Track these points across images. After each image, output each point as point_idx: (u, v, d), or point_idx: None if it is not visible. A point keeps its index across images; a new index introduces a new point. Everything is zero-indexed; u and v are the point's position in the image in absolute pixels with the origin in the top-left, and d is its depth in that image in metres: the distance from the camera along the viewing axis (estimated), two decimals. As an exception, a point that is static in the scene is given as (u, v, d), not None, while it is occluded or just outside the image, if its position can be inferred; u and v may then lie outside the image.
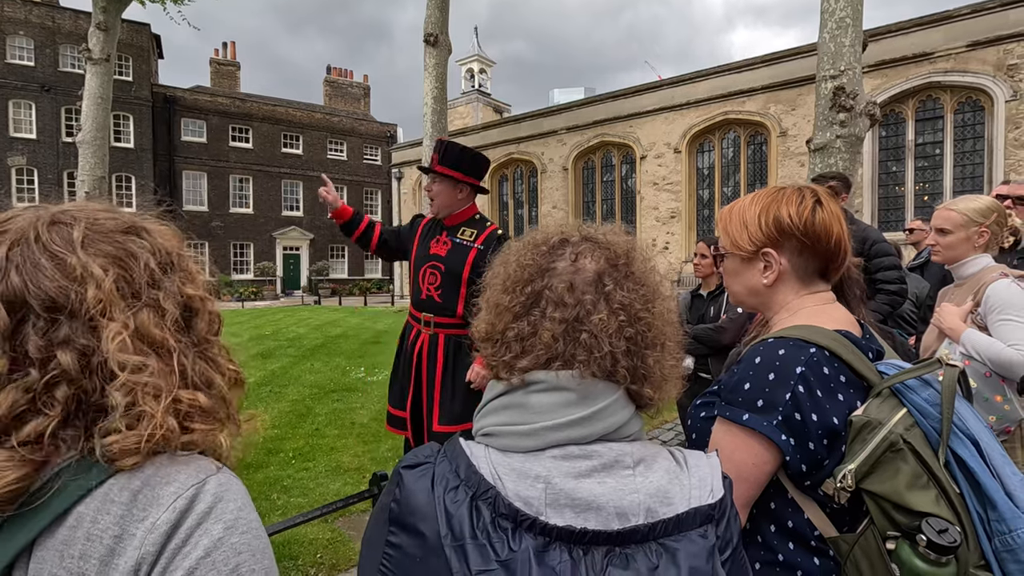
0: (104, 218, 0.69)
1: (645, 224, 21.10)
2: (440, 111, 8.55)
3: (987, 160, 14.60)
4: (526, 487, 0.66)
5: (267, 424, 5.91)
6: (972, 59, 14.37)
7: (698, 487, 0.69)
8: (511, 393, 0.73)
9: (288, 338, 12.40)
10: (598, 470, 0.68)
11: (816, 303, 1.10)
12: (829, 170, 4.92)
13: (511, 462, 0.68)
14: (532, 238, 0.81)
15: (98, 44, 8.32)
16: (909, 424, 0.90)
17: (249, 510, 0.63)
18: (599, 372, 0.71)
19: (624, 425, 0.71)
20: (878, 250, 3.27)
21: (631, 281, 0.74)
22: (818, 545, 0.96)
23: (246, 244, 29.72)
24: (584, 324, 0.71)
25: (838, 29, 5.23)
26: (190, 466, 0.62)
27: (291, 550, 3.12)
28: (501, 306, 0.76)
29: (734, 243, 1.15)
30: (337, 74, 38.13)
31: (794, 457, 0.94)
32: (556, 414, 0.69)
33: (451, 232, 2.96)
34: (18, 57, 24.23)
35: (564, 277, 0.73)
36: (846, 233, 1.10)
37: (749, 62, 18.29)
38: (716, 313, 3.29)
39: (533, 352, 0.72)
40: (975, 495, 0.87)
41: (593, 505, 0.65)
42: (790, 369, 0.96)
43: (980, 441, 0.90)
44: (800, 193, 1.12)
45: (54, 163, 24.60)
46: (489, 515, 0.64)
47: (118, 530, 0.56)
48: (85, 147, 8.31)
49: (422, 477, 0.68)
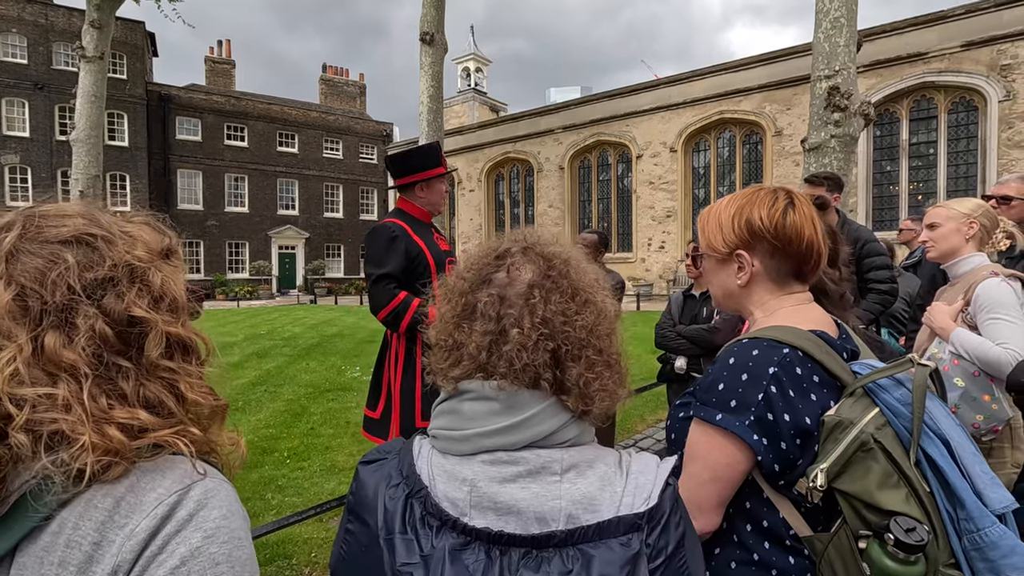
0: (54, 224, 0.64)
1: (641, 223, 21.13)
2: (436, 110, 8.54)
3: (980, 160, 14.68)
4: (454, 489, 0.70)
5: (261, 424, 5.90)
6: (966, 59, 14.44)
7: (632, 494, 0.70)
8: (449, 400, 0.76)
9: (283, 337, 12.38)
10: (523, 476, 0.70)
11: (793, 304, 1.11)
12: (824, 169, 4.94)
13: (445, 464, 0.73)
14: (482, 247, 0.82)
15: (92, 42, 8.28)
16: (880, 424, 0.90)
17: (234, 518, 0.60)
18: (521, 383, 0.72)
19: (555, 432, 0.72)
20: (869, 250, 3.29)
21: (558, 294, 0.74)
22: (793, 544, 0.97)
23: (241, 243, 29.61)
24: (506, 337, 0.72)
25: (832, 29, 5.25)
26: (177, 471, 0.60)
27: (285, 549, 3.11)
28: (444, 316, 0.78)
29: (709, 244, 1.16)
30: (333, 72, 38.05)
31: (767, 457, 0.95)
32: (485, 422, 0.72)
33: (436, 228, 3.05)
34: (11, 55, 24.05)
35: (496, 289, 0.75)
36: (820, 235, 1.10)
37: (745, 61, 18.34)
38: (709, 314, 3.29)
39: (463, 363, 0.75)
40: (945, 494, 0.87)
41: (514, 509, 0.68)
42: (763, 370, 0.97)
43: (951, 440, 0.90)
44: (774, 195, 1.11)
45: (48, 162, 24.45)
46: (420, 512, 0.69)
47: (98, 536, 0.54)
48: (79, 145, 8.27)
49: (375, 472, 0.75)
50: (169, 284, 0.68)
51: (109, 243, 0.65)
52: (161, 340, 0.64)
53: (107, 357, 0.61)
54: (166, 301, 0.67)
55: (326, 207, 32.20)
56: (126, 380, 0.62)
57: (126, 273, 0.64)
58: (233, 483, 0.66)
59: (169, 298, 0.67)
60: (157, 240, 0.71)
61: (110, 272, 0.63)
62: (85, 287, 0.61)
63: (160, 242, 0.71)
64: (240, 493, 2.80)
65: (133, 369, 0.62)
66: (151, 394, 0.63)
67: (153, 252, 0.69)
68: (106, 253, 0.64)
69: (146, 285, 0.66)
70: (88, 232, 0.64)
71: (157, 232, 0.72)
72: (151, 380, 0.63)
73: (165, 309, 0.66)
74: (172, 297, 0.68)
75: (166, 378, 0.64)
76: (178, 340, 0.67)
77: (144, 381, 0.63)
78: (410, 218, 2.91)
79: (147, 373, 0.63)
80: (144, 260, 0.67)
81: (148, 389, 0.63)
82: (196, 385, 0.67)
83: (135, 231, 0.69)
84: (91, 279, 0.62)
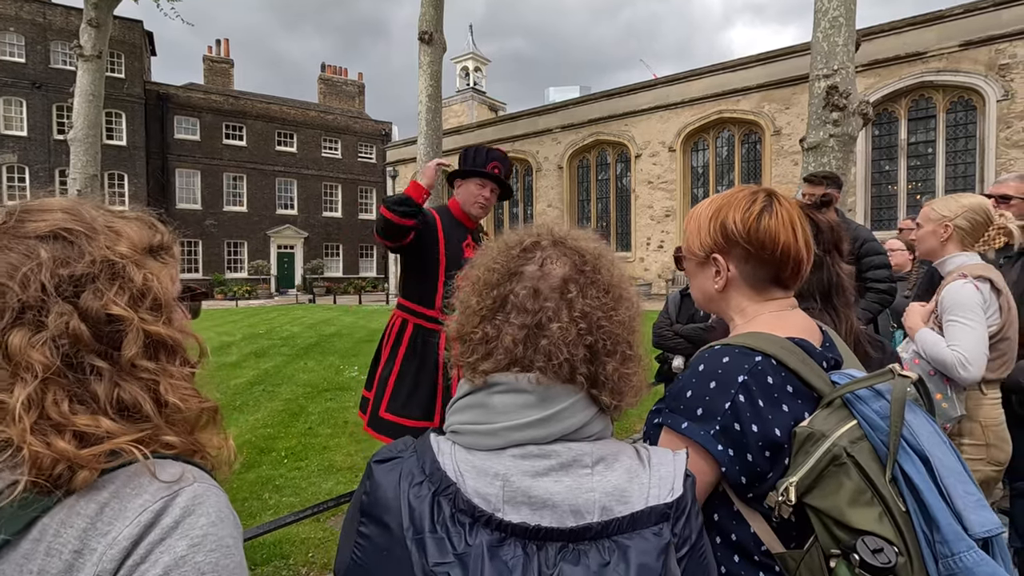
0: (34, 219, 0.61)
1: (640, 222, 21.14)
2: (435, 109, 8.53)
3: (979, 159, 14.69)
4: (485, 484, 0.68)
5: (259, 423, 5.88)
6: (964, 59, 14.45)
7: (657, 485, 0.71)
8: (475, 393, 0.74)
9: (282, 337, 12.37)
10: (555, 469, 0.69)
11: (774, 310, 1.07)
12: (822, 169, 4.95)
13: (473, 460, 0.71)
14: (505, 240, 0.81)
15: (90, 40, 8.26)
16: (856, 437, 0.85)
17: (223, 525, 0.58)
18: (557, 376, 0.72)
19: (585, 426, 0.73)
20: (868, 249, 3.31)
21: (595, 288, 0.74)
22: (763, 560, 0.92)
23: (240, 243, 29.57)
24: (544, 331, 0.72)
25: (831, 28, 5.25)
26: (164, 475, 0.57)
27: (283, 549, 3.11)
28: (470, 308, 0.77)
29: (688, 247, 1.14)
30: (332, 72, 38.01)
31: (731, 468, 0.91)
32: (516, 415, 0.71)
33: (474, 236, 3.02)
34: (8, 53, 24.00)
35: (529, 283, 0.74)
36: (801, 241, 1.04)
37: (743, 61, 18.34)
38: (706, 313, 3.29)
39: (495, 355, 0.73)
40: (921, 514, 0.81)
41: (549, 503, 0.67)
42: (732, 377, 0.93)
43: (932, 457, 0.83)
44: (752, 198, 1.06)
45: (45, 161, 24.39)
46: (449, 510, 0.66)
47: (79, 544, 0.52)
48: (77, 145, 8.25)
49: (391, 471, 0.71)
50: (152, 281, 0.65)
51: (89, 239, 0.62)
52: (139, 339, 0.61)
53: (81, 357, 0.58)
54: (148, 299, 0.64)
55: (325, 207, 32.17)
56: (100, 381, 0.59)
57: (105, 269, 0.62)
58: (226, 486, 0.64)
59: (151, 295, 0.64)
60: (145, 236, 0.68)
61: (88, 268, 0.60)
62: (59, 284, 0.59)
63: (148, 238, 0.68)
64: (238, 493, 2.81)
65: (109, 370, 0.59)
66: (127, 396, 0.59)
67: (137, 248, 0.66)
68: (85, 248, 0.61)
69: (126, 282, 0.62)
70: (66, 227, 0.62)
71: (147, 228, 0.69)
72: (128, 381, 0.60)
73: (146, 307, 0.63)
74: (155, 294, 0.64)
75: (145, 379, 0.61)
76: (159, 340, 0.63)
77: (120, 382, 0.60)
78: (448, 214, 2.98)
79: (124, 373, 0.60)
80: (126, 256, 0.64)
81: (124, 391, 0.60)
82: (179, 387, 0.63)
83: (121, 226, 0.66)
84: (66, 275, 0.59)
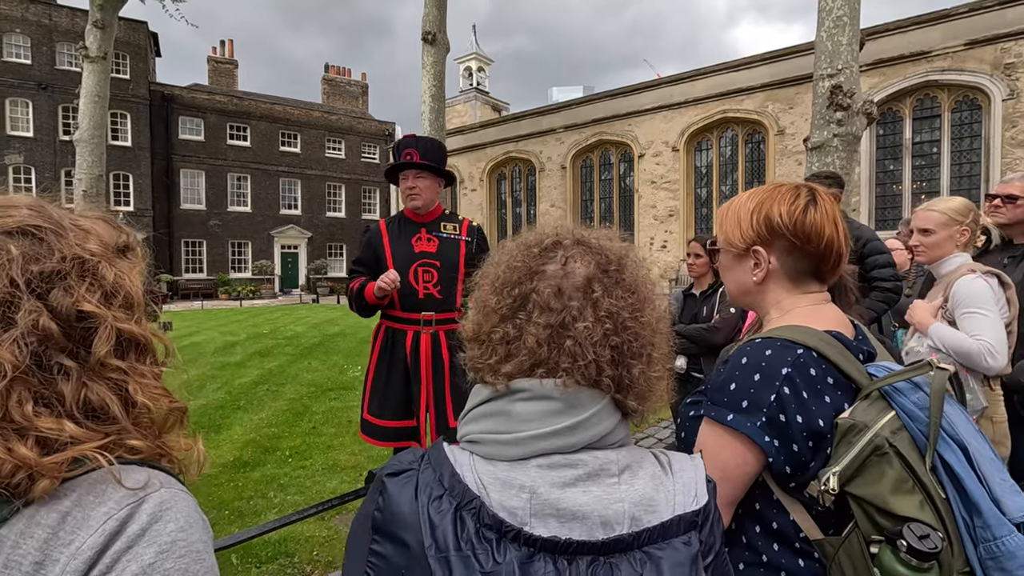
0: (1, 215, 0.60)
1: (643, 222, 21.10)
2: (438, 109, 8.53)
3: (984, 158, 14.62)
4: (511, 497, 0.65)
5: (263, 422, 5.90)
6: (969, 58, 14.38)
7: (683, 493, 0.69)
8: (495, 400, 0.71)
9: (286, 336, 12.41)
10: (583, 479, 0.66)
11: (809, 303, 1.08)
12: (826, 168, 4.94)
13: (496, 471, 0.67)
14: (525, 239, 0.78)
15: (95, 42, 8.29)
16: (896, 427, 0.89)
17: (192, 530, 0.56)
18: (583, 380, 0.69)
19: (610, 433, 0.70)
20: (872, 248, 3.31)
21: (621, 288, 0.72)
22: (803, 547, 0.95)
23: (244, 243, 29.65)
24: (569, 331, 0.69)
25: (835, 28, 5.23)
26: (129, 482, 0.55)
27: (287, 547, 3.13)
28: (488, 307, 0.74)
29: (727, 239, 1.14)
30: (335, 72, 38.06)
31: (777, 459, 0.93)
32: (541, 423, 0.68)
33: (431, 228, 2.92)
34: (15, 55, 24.13)
35: (552, 281, 0.71)
36: (841, 235, 1.07)
37: (747, 60, 18.30)
38: (709, 313, 3.29)
39: (517, 356, 0.70)
40: (961, 501, 0.85)
41: (578, 515, 0.64)
42: (776, 370, 0.95)
43: (968, 446, 0.88)
44: (796, 192, 1.09)
45: (51, 161, 24.51)
46: (473, 526, 0.63)
47: (40, 556, 0.50)
48: (82, 145, 8.29)
49: (406, 485, 0.67)
50: (123, 280, 0.64)
51: (59, 235, 0.61)
52: (111, 337, 0.60)
53: (50, 356, 0.57)
54: (119, 297, 0.63)
55: (328, 207, 32.22)
56: (67, 381, 0.57)
57: (76, 266, 0.60)
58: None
59: (123, 294, 0.63)
60: (112, 235, 0.67)
61: (58, 265, 0.59)
62: (29, 280, 0.57)
63: (116, 238, 0.67)
64: (243, 491, 2.83)
65: (77, 369, 0.58)
66: (94, 396, 0.58)
67: (107, 246, 0.65)
68: (55, 245, 0.60)
69: (98, 279, 0.61)
70: (34, 224, 0.60)
71: (113, 228, 0.68)
72: (96, 381, 0.59)
73: (118, 305, 0.62)
74: (126, 293, 0.63)
75: (114, 379, 0.60)
76: (131, 338, 0.62)
77: (88, 382, 0.58)
78: (400, 217, 2.98)
79: (93, 373, 0.59)
80: (96, 254, 0.62)
81: (91, 391, 0.58)
82: (148, 387, 0.62)
83: (88, 225, 0.65)
84: (37, 272, 0.58)
